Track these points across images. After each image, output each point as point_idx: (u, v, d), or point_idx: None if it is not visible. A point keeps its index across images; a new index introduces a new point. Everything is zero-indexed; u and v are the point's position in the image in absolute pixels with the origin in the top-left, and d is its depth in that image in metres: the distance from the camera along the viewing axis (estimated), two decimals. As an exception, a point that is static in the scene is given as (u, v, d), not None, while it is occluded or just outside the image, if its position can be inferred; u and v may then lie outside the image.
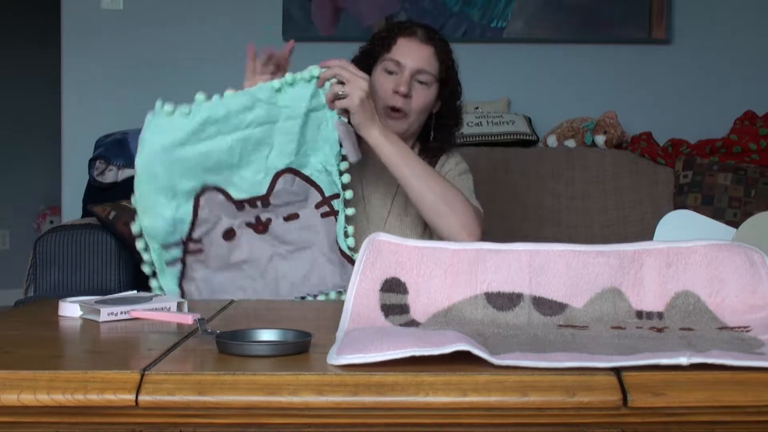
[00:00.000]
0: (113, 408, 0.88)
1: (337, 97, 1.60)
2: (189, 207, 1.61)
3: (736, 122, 3.11)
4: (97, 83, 3.40)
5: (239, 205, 1.63)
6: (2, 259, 5.22)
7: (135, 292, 1.43)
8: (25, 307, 1.47)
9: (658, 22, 3.34)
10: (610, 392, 0.87)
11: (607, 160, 2.99)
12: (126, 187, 2.83)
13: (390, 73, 1.78)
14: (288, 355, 0.99)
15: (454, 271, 1.20)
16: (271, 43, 3.36)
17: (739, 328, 1.12)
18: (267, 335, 1.07)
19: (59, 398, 0.88)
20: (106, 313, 1.24)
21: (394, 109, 1.77)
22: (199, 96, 1.65)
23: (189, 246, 1.63)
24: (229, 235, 1.64)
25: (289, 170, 1.63)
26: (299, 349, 1.01)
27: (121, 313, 1.26)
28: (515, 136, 3.06)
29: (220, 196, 1.62)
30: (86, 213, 2.76)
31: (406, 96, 1.77)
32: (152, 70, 3.40)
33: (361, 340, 0.97)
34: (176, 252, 1.63)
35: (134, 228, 1.62)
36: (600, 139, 3.04)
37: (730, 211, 2.79)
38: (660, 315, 1.18)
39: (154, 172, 1.57)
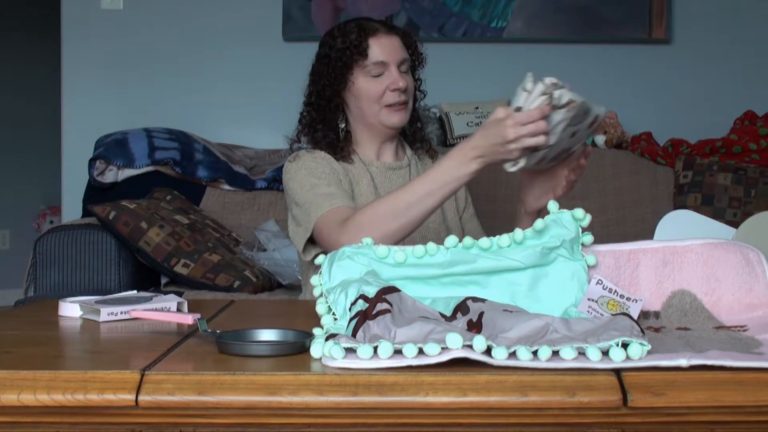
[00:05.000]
0: (113, 408, 0.88)
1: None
2: None
3: (736, 122, 3.11)
4: (97, 83, 3.40)
5: None
6: (2, 259, 5.22)
7: (135, 292, 1.43)
8: (25, 307, 1.47)
9: (658, 22, 3.34)
10: (610, 392, 0.87)
11: (607, 160, 2.99)
12: (126, 187, 2.84)
13: (374, 76, 1.78)
14: (288, 355, 0.99)
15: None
16: (271, 43, 3.39)
17: (735, 327, 1.12)
18: (267, 335, 1.07)
19: (59, 398, 0.88)
20: (106, 313, 1.24)
21: (397, 104, 1.77)
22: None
23: None
24: None
25: None
26: (299, 349, 1.01)
27: (121, 313, 1.26)
28: (515, 136, 3.06)
29: None
30: (86, 213, 2.77)
31: (405, 90, 1.78)
32: (152, 70, 3.41)
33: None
34: None
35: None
36: (600, 139, 3.05)
37: (730, 211, 2.79)
38: (657, 314, 1.18)
39: None
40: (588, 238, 1.23)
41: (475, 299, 1.11)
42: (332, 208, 1.64)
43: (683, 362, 0.89)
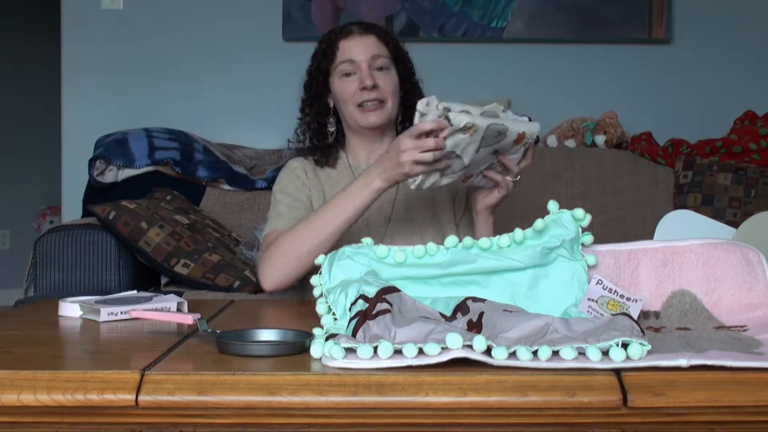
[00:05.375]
0: (113, 408, 0.88)
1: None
2: None
3: (736, 122, 3.11)
4: (97, 83, 3.40)
5: None
6: (2, 259, 5.22)
7: (135, 292, 1.43)
8: (25, 307, 1.47)
9: (658, 22, 3.34)
10: (610, 392, 0.87)
11: (607, 160, 2.99)
12: (126, 187, 2.84)
13: (348, 75, 1.77)
14: (288, 355, 0.99)
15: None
16: (271, 43, 3.39)
17: (735, 327, 1.12)
18: (267, 335, 1.07)
19: (59, 398, 0.88)
20: (106, 313, 1.25)
21: (368, 102, 1.76)
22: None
23: None
24: None
25: None
26: (299, 349, 1.01)
27: (121, 313, 1.26)
28: (515, 136, 3.06)
29: None
30: (86, 213, 2.77)
31: (375, 87, 1.76)
32: (152, 70, 3.40)
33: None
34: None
35: None
36: (600, 139, 3.04)
37: (730, 211, 2.79)
38: (657, 314, 1.18)
39: None
40: (588, 238, 1.23)
41: (475, 299, 1.11)
42: (274, 229, 1.72)
43: (683, 362, 0.89)
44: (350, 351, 0.93)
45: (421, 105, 1.47)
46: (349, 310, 1.10)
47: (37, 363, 0.95)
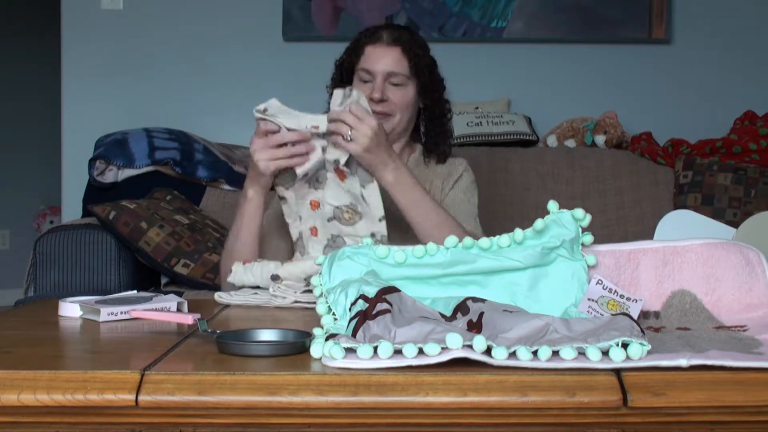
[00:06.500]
0: (113, 408, 0.88)
1: (343, 139, 1.57)
2: None
3: (736, 122, 3.11)
4: (97, 83, 3.40)
5: None
6: (2, 259, 5.22)
7: (135, 292, 1.43)
8: (25, 307, 1.47)
9: (658, 22, 3.34)
10: (610, 392, 0.87)
11: (607, 160, 2.99)
12: (126, 187, 2.84)
13: (365, 81, 1.83)
14: (288, 355, 0.99)
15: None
16: (271, 43, 3.39)
17: (735, 327, 1.12)
18: (267, 335, 1.07)
19: (59, 398, 0.88)
20: (106, 313, 1.25)
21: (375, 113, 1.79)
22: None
23: None
24: None
25: None
26: (299, 349, 1.01)
27: (121, 313, 1.26)
28: (515, 136, 3.06)
29: None
30: (86, 213, 2.77)
31: (383, 101, 1.81)
32: (152, 70, 3.41)
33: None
34: None
35: None
36: (600, 139, 3.04)
37: (730, 211, 2.79)
38: (657, 314, 1.18)
39: None
40: (588, 238, 1.23)
41: (475, 299, 1.11)
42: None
43: (683, 362, 0.89)
44: (350, 351, 0.93)
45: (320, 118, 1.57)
46: (349, 310, 1.10)
47: (37, 363, 0.95)
